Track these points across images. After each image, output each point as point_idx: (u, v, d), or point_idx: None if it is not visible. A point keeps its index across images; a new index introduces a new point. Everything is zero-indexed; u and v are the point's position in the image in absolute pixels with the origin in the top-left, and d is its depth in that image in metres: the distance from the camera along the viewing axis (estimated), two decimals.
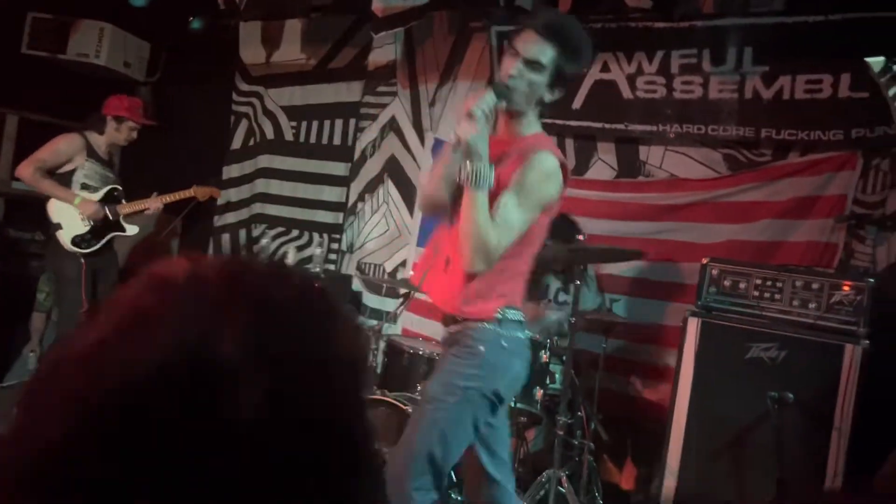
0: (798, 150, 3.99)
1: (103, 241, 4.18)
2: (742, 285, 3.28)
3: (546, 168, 2.15)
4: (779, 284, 3.20)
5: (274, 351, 0.54)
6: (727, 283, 3.31)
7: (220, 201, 5.76)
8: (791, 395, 2.89)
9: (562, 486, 3.22)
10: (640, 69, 4.24)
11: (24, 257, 5.34)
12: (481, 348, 2.16)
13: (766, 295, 3.22)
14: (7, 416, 0.55)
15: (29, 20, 5.51)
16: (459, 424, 2.15)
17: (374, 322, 4.74)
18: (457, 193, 2.21)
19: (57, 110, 5.59)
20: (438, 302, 2.36)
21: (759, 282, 3.25)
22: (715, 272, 3.35)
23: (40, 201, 4.22)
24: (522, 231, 2.14)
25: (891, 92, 1.94)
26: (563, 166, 2.21)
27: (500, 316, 2.18)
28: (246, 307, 0.55)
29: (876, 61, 1.95)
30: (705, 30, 4.03)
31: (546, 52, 2.12)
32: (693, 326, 3.28)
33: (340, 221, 5.51)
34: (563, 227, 3.87)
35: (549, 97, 2.20)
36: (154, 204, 4.38)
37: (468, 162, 2.07)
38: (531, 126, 2.25)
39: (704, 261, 3.42)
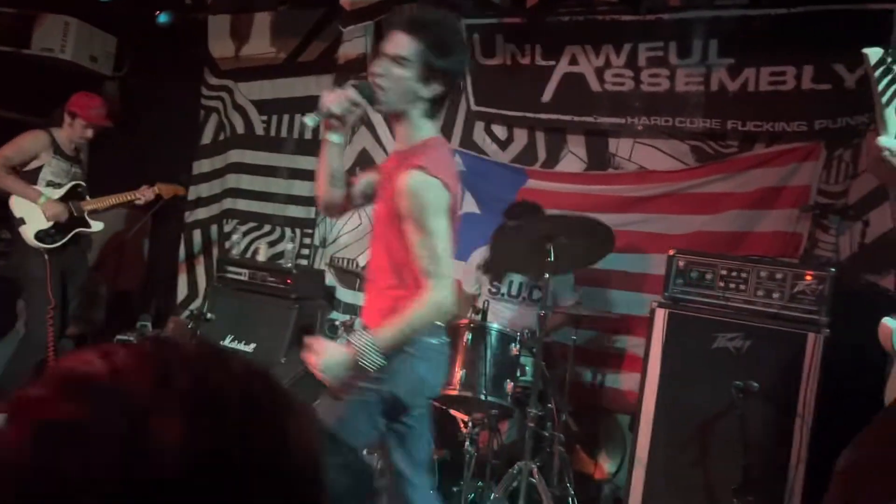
0: (764, 141, 4.04)
1: (68, 236, 4.13)
2: (708, 276, 3.32)
3: (412, 190, 2.07)
4: (743, 275, 3.25)
5: (220, 461, 0.47)
6: (693, 274, 3.35)
7: (190, 196, 5.72)
8: (756, 384, 2.93)
9: (533, 477, 3.25)
10: (608, 62, 4.27)
11: None
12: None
13: (732, 285, 3.26)
14: None
15: None
16: (352, 421, 2.15)
17: (348, 317, 4.73)
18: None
19: (23, 106, 5.50)
20: (364, 317, 2.35)
21: (724, 272, 3.29)
22: (681, 263, 3.39)
23: (3, 198, 4.16)
24: (448, 248, 2.10)
25: (881, 85, 1.95)
26: (435, 175, 2.07)
27: None
28: (182, 409, 0.47)
29: (873, 52, 1.97)
30: (671, 23, 4.07)
31: (409, 47, 2.10)
32: (660, 317, 3.32)
33: (312, 216, 5.49)
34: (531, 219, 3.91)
35: (425, 93, 2.14)
36: (116, 200, 4.34)
37: (332, 127, 2.20)
38: (420, 130, 2.20)
39: (671, 252, 3.45)
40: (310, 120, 2.21)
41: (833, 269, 3.10)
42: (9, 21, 5.42)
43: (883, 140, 1.98)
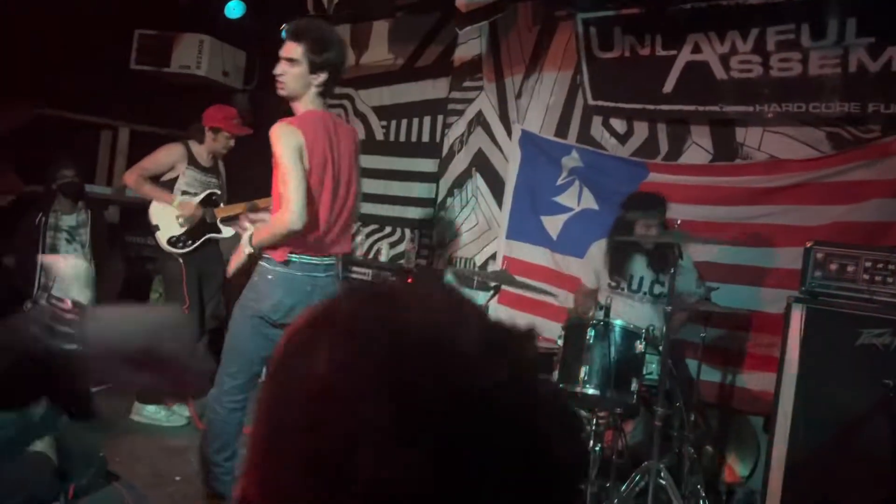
0: None
1: (199, 241, 4.40)
2: (850, 268, 3.11)
3: (273, 136, 2.78)
4: (891, 267, 3.02)
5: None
6: (833, 266, 3.14)
7: None
8: None
9: (661, 479, 3.16)
10: (734, 48, 4.08)
11: (140, 261, 5.70)
12: (255, 278, 2.94)
13: (878, 278, 3.04)
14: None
15: (136, 37, 5.86)
16: (237, 337, 2.97)
17: None
18: None
19: (163, 121, 5.92)
20: None
21: (868, 264, 3.07)
22: (820, 256, 3.19)
23: (145, 208, 4.48)
24: (299, 181, 2.74)
25: None
26: (289, 123, 2.81)
27: (281, 258, 2.85)
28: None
29: None
30: (803, 3, 3.84)
31: (295, 50, 2.81)
32: (797, 313, 3.13)
33: (430, 217, 5.59)
34: (648, 202, 3.81)
35: (315, 80, 2.84)
36: (248, 208, 4.56)
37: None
38: (307, 106, 2.89)
39: (808, 244, 3.26)
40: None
41: None
42: (151, 42, 5.85)
43: None
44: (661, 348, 3.34)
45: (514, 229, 5.10)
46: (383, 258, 5.42)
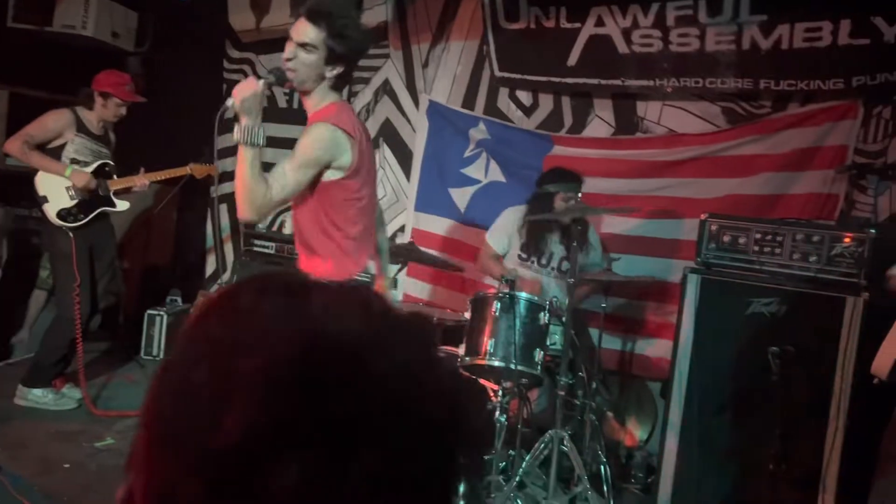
0: (798, 100, 3.92)
1: (91, 215, 4.14)
2: (742, 240, 3.24)
3: (315, 134, 2.33)
4: (779, 238, 3.16)
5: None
6: (726, 238, 3.27)
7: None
8: (792, 349, 2.87)
9: (564, 445, 3.24)
10: (636, 23, 4.15)
11: (25, 234, 5.33)
12: None
13: (766, 249, 3.18)
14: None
15: None
16: None
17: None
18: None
19: (47, 85, 5.52)
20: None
21: (758, 236, 3.21)
22: (714, 228, 3.31)
23: (30, 176, 4.17)
24: (294, 188, 2.32)
25: None
26: (344, 131, 2.34)
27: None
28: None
29: None
30: None
31: (313, 34, 2.32)
32: (693, 283, 3.25)
33: None
34: (567, 175, 3.85)
35: (329, 73, 2.38)
36: (142, 181, 4.33)
37: (241, 119, 2.28)
38: (323, 100, 2.43)
39: (703, 216, 3.37)
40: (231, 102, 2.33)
41: (873, 231, 3.00)
42: None
43: None
44: (564, 319, 3.40)
45: (423, 201, 5.06)
46: (287, 230, 5.27)
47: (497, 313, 3.30)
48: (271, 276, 0.62)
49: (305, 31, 2.32)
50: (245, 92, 2.29)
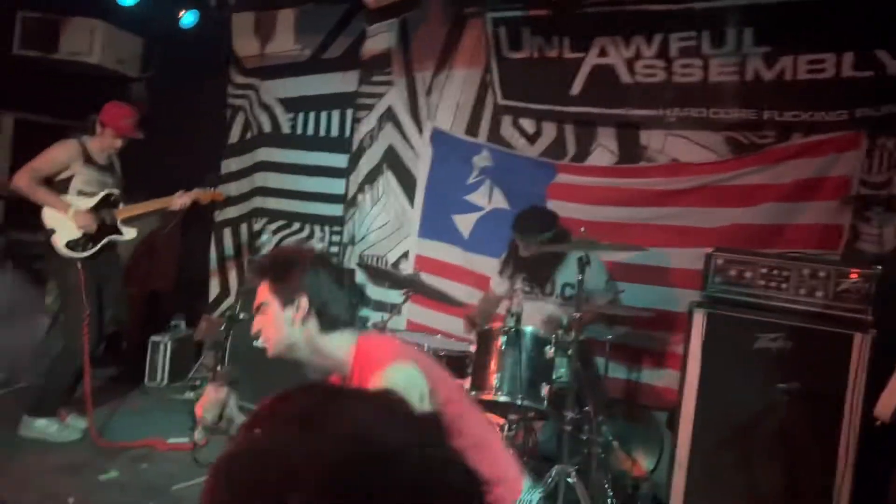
0: (801, 131, 3.93)
1: (99, 244, 4.15)
2: (748, 274, 3.24)
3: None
4: (785, 273, 3.16)
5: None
6: (733, 272, 3.27)
7: None
8: (800, 386, 2.87)
9: (570, 478, 3.22)
10: (639, 53, 4.17)
11: (29, 259, 5.33)
12: None
13: (773, 284, 3.19)
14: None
15: (19, 19, 5.45)
16: None
17: (379, 315, 4.73)
18: None
19: (53, 110, 5.54)
20: None
21: (765, 270, 3.21)
22: (720, 261, 3.31)
23: (38, 205, 4.18)
24: None
25: None
26: (406, 363, 1.83)
27: None
28: None
29: None
30: (704, 11, 3.95)
31: (263, 292, 1.96)
32: (699, 318, 3.25)
33: (341, 213, 5.48)
34: (526, 226, 3.81)
35: (296, 317, 1.92)
36: (151, 207, 4.35)
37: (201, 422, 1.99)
38: (340, 347, 1.94)
39: (709, 250, 3.38)
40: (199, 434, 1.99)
41: (879, 267, 3.00)
42: (35, 26, 5.44)
43: None
44: (570, 352, 3.39)
45: (427, 227, 5.07)
46: None
47: (503, 347, 3.29)
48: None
49: (259, 292, 1.97)
50: (209, 404, 1.97)
